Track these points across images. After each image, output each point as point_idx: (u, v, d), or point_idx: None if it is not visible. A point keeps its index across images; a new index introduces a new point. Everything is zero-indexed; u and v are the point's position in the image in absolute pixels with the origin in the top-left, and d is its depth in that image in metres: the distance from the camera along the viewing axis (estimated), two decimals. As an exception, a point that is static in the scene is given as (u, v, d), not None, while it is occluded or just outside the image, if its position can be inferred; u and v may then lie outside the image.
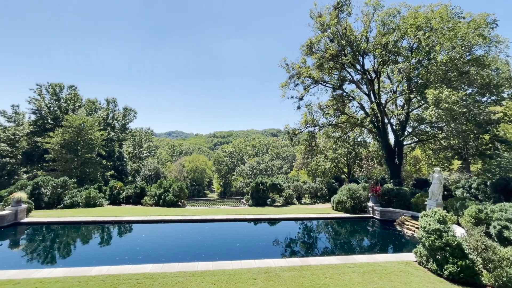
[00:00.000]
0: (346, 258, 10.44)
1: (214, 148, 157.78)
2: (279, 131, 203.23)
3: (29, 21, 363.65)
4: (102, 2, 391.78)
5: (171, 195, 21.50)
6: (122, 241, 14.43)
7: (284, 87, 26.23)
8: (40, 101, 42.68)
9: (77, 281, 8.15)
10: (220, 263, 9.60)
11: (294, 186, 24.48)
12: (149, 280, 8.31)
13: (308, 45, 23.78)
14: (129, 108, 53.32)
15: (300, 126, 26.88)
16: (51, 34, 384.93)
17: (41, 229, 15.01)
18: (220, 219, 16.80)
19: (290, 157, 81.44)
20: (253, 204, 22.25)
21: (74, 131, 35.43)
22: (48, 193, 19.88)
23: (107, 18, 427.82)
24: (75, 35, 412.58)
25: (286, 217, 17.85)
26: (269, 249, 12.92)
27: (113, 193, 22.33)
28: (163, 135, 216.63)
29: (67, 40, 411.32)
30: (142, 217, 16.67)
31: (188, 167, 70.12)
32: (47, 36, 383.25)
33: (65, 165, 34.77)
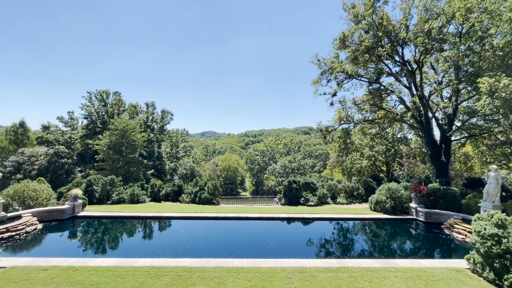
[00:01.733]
0: (386, 262, 9.86)
1: (246, 147, 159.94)
2: (311, 129, 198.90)
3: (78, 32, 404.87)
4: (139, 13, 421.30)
5: (206, 193, 22.31)
6: (163, 236, 15.38)
7: (316, 83, 25.55)
8: (91, 107, 47.33)
9: (125, 270, 8.89)
10: (255, 261, 9.71)
11: (328, 185, 23.76)
12: (188, 273, 8.73)
13: (341, 39, 22.83)
14: (166, 110, 56.52)
15: (333, 123, 25.97)
16: (97, 44, 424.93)
17: (93, 222, 16.66)
18: (254, 217, 16.98)
19: (323, 155, 79.23)
20: (286, 203, 22.11)
21: (119, 133, 38.64)
22: (99, 190, 21.95)
23: (144, 27, 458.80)
24: (117, 44, 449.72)
25: (320, 216, 17.41)
26: (303, 249, 12.73)
27: (154, 190, 23.86)
28: (197, 136, 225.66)
29: (110, 49, 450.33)
30: (180, 214, 17.57)
31: (221, 166, 72.09)
32: (94, 46, 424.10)
33: (112, 165, 38.10)
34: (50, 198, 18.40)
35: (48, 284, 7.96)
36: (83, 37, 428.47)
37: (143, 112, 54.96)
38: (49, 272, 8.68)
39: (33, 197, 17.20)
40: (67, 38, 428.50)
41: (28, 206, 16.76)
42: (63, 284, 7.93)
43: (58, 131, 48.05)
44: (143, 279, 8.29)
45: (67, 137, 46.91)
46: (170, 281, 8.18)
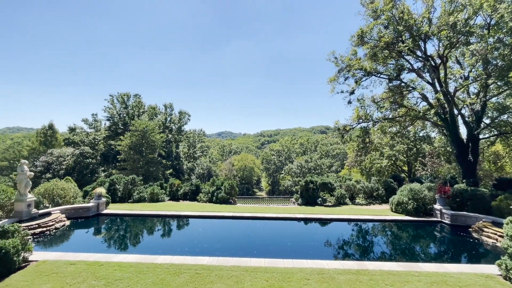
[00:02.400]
0: (409, 265, 9.48)
1: (262, 147, 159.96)
2: (327, 128, 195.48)
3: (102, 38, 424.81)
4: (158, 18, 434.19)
5: (223, 192, 22.55)
6: (181, 234, 15.73)
7: (332, 81, 25.05)
8: (113, 109, 49.36)
9: (146, 267, 9.18)
10: (272, 261, 9.69)
11: (347, 186, 23.23)
12: (206, 271, 8.87)
13: (359, 35, 22.22)
14: (184, 111, 57.77)
15: (351, 121, 25.34)
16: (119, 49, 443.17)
17: (116, 220, 17.36)
18: (270, 217, 16.95)
19: (340, 155, 77.60)
20: (302, 203, 21.87)
21: (139, 134, 40.00)
22: (121, 189, 22.85)
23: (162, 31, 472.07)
24: (137, 49, 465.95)
25: (339, 217, 17.06)
26: (321, 250, 12.53)
27: (172, 190, 24.46)
28: (214, 136, 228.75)
29: (131, 53, 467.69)
30: (198, 213, 17.89)
31: (237, 166, 72.57)
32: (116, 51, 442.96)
33: (133, 165, 39.52)
34: (77, 196, 19.40)
35: (75, 278, 8.39)
36: (106, 42, 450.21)
37: (162, 113, 56.54)
38: (76, 267, 9.15)
39: (62, 195, 18.21)
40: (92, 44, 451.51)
41: (57, 204, 17.77)
42: (89, 279, 8.33)
43: (83, 132, 50.58)
44: (163, 276, 8.52)
45: (91, 138, 49.25)
46: (189, 279, 8.35)
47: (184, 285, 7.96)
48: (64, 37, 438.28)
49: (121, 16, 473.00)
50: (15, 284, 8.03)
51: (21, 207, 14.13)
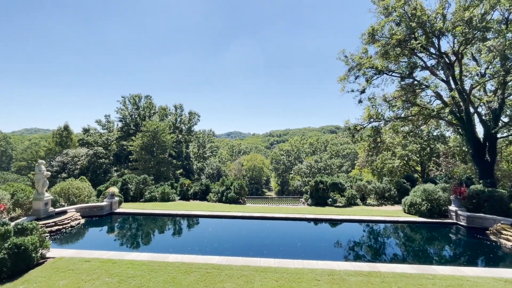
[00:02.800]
0: (422, 268, 9.25)
1: (271, 147, 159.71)
2: (337, 128, 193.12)
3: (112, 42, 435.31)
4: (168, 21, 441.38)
5: (232, 192, 22.65)
6: (192, 233, 15.90)
7: (342, 80, 24.71)
8: (125, 111, 50.44)
9: (158, 265, 9.34)
10: (282, 261, 9.66)
11: (357, 186, 22.88)
12: (216, 270, 8.93)
13: (369, 33, 21.84)
14: (194, 112, 58.38)
15: (362, 121, 24.92)
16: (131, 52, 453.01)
17: (129, 219, 17.73)
18: (280, 217, 16.90)
19: (351, 155, 76.53)
20: (312, 203, 21.70)
21: (150, 135, 40.71)
22: (133, 189, 23.31)
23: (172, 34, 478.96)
24: (148, 51, 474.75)
25: (349, 218, 16.82)
26: (331, 251, 12.40)
27: (183, 189, 24.77)
28: (223, 136, 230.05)
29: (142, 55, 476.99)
30: (208, 212, 18.04)
31: (247, 166, 72.72)
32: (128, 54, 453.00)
33: (144, 165, 40.25)
34: (91, 195, 19.93)
35: (90, 274, 8.63)
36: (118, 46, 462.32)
37: (172, 114, 57.33)
38: (91, 264, 9.41)
39: (77, 194, 18.75)
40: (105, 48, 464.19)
41: (72, 203, 18.32)
42: (103, 276, 8.54)
43: (97, 133, 51.92)
44: (174, 274, 8.65)
45: (104, 139, 50.48)
46: (200, 277, 8.43)
47: (194, 284, 8.05)
48: (78, 42, 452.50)
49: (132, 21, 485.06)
50: (33, 279, 8.33)
51: (39, 206, 14.64)
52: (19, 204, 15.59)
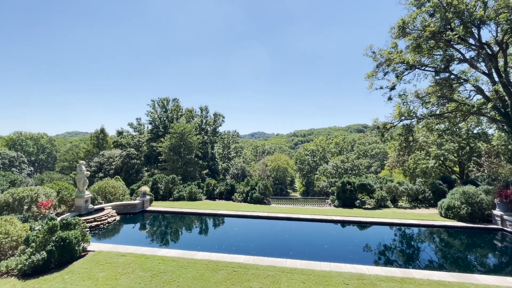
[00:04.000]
0: (463, 276, 8.58)
1: (295, 147, 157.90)
2: (365, 127, 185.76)
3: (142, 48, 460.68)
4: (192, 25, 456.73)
5: (257, 192, 22.77)
6: (218, 232, 16.26)
7: (370, 77, 23.66)
8: (154, 113, 52.93)
9: (187, 262, 9.69)
10: (308, 263, 9.52)
11: (388, 187, 21.81)
12: (243, 269, 9.05)
13: (400, 26, 20.69)
14: (218, 113, 59.58)
15: (392, 119, 23.67)
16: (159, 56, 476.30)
17: (159, 217, 18.59)
18: (306, 219, 16.66)
19: (380, 155, 73.14)
20: (339, 205, 21.10)
21: (178, 136, 42.30)
22: (163, 188, 24.40)
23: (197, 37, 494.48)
24: (174, 55, 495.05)
25: (379, 221, 16.09)
26: (360, 254, 11.96)
27: (209, 189, 25.41)
28: (247, 136, 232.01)
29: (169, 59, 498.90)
30: (234, 212, 18.31)
31: (271, 166, 72.62)
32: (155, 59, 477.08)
33: (173, 165, 41.90)
34: (125, 194, 21.20)
35: (126, 268, 9.19)
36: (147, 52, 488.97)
37: (198, 116, 59.03)
38: (126, 258, 10.02)
39: (112, 192, 20.07)
40: (136, 54, 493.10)
41: (109, 200, 19.63)
42: (137, 270, 9.06)
43: (129, 135, 55.07)
44: (202, 271, 8.91)
45: (136, 140, 53.42)
46: (227, 276, 8.60)
47: (222, 282, 8.22)
48: (112, 50, 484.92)
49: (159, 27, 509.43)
50: (77, 270, 9.08)
51: (80, 203, 15.91)
52: (63, 201, 17.08)
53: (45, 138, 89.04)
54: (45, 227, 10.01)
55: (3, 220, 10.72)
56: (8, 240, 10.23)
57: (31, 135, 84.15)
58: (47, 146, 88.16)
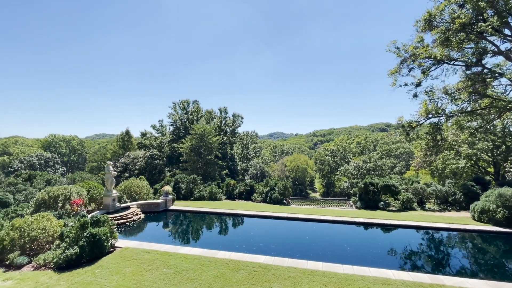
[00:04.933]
0: (499, 286, 7.98)
1: (314, 147, 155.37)
2: (388, 125, 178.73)
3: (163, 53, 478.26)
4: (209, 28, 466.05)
5: (277, 193, 22.68)
6: (238, 232, 16.40)
7: (394, 74, 22.69)
8: (175, 115, 54.53)
9: (208, 260, 9.87)
10: (330, 265, 9.33)
11: (414, 189, 20.82)
12: (263, 270, 9.05)
13: (426, 19, 19.66)
14: (237, 114, 60.14)
15: (418, 117, 22.52)
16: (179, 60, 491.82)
17: (181, 215, 19.10)
18: (327, 220, 16.33)
19: (405, 155, 69.96)
20: (361, 206, 20.45)
21: (198, 137, 43.24)
22: (184, 187, 25.05)
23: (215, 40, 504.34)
24: (193, 59, 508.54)
25: (405, 224, 15.40)
26: (384, 258, 11.51)
27: (229, 189, 25.71)
28: (265, 137, 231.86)
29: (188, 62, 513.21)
30: (253, 212, 18.38)
31: (290, 167, 72.02)
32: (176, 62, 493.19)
33: (193, 165, 42.89)
34: (149, 193, 22.03)
35: (151, 264, 9.54)
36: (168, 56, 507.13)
37: (217, 117, 59.99)
38: (151, 255, 10.40)
39: (137, 191, 20.93)
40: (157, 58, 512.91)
41: (134, 199, 20.50)
42: (161, 266, 9.37)
43: (152, 137, 57.21)
44: (223, 270, 9.03)
45: (158, 142, 55.38)
46: (247, 275, 8.65)
47: (243, 281, 8.28)
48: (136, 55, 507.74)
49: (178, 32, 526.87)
50: (106, 265, 9.57)
51: (108, 201, 16.76)
52: (93, 199, 18.09)
53: (76, 140, 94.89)
54: (77, 223, 10.66)
55: (40, 216, 11.56)
56: (45, 235, 11.02)
57: (64, 137, 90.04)
58: (77, 147, 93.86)
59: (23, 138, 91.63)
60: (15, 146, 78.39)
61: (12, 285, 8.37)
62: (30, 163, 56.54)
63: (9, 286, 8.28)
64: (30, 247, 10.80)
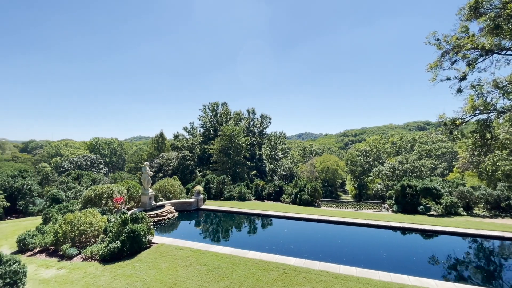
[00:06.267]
0: None
1: (345, 147, 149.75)
2: (427, 123, 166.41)
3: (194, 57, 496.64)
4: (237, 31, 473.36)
5: (306, 194, 22.27)
6: (268, 232, 16.39)
7: (434, 68, 20.93)
8: (205, 117, 56.32)
9: (239, 260, 10.00)
10: (365, 271, 8.91)
11: (459, 192, 19.06)
12: (294, 272, 8.93)
13: (471, 6, 17.90)
14: (265, 115, 60.31)
15: (463, 113, 20.50)
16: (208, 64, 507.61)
17: (212, 215, 19.63)
18: (360, 223, 15.64)
19: (447, 155, 64.40)
20: (398, 210, 19.24)
21: (227, 138, 44.17)
22: (214, 188, 25.72)
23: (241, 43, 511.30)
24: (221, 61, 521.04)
25: (449, 230, 14.15)
26: (425, 267, 10.69)
27: (257, 190, 25.84)
28: (294, 137, 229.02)
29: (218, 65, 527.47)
30: (283, 213, 18.25)
31: (319, 168, 70.23)
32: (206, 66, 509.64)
33: (223, 166, 43.87)
34: (181, 192, 23.00)
35: (184, 261, 9.94)
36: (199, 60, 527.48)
37: (245, 118, 60.71)
38: (184, 252, 10.84)
39: (171, 191, 21.97)
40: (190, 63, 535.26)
41: (168, 198, 21.54)
42: (194, 263, 9.71)
43: (184, 139, 59.70)
44: (253, 270, 9.08)
45: (190, 143, 57.64)
46: (278, 277, 8.60)
47: (273, 282, 8.25)
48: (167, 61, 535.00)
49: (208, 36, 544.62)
50: (144, 260, 10.17)
51: (145, 200, 17.82)
52: (132, 197, 19.36)
53: (116, 142, 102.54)
54: (119, 219, 11.49)
55: (88, 212, 12.67)
56: (91, 229, 12.05)
57: (106, 140, 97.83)
58: (118, 149, 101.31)
59: (72, 141, 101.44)
60: (66, 148, 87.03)
61: (65, 273, 9.27)
62: (78, 164, 62.30)
63: (62, 275, 9.19)
64: (79, 239, 11.88)
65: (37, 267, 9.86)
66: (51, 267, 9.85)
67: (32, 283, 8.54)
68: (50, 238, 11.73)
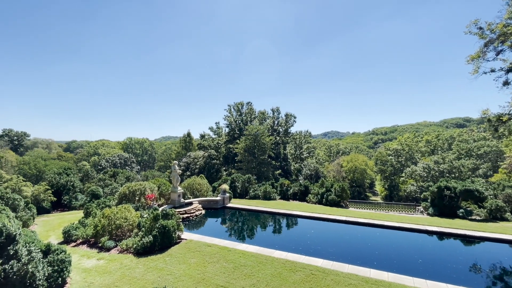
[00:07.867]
0: None
1: (374, 146, 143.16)
2: (468, 120, 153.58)
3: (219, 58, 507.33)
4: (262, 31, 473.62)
5: (333, 195, 21.67)
6: (294, 232, 16.24)
7: (475, 59, 19.16)
8: (230, 117, 57.21)
9: (265, 258, 10.02)
10: (398, 276, 8.46)
11: (506, 195, 17.33)
12: (321, 274, 8.74)
13: (520, -10, 16.17)
14: (290, 114, 59.72)
15: (510, 108, 18.67)
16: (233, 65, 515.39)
17: (237, 213, 19.91)
18: (392, 226, 14.87)
19: (491, 154, 58.80)
20: (434, 213, 17.98)
21: (252, 138, 44.49)
22: (240, 186, 26.04)
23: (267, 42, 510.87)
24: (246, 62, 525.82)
25: (495, 236, 12.92)
26: (467, 276, 9.88)
27: (283, 189, 25.68)
28: (319, 136, 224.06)
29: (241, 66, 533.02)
30: (309, 213, 17.95)
31: (347, 167, 67.92)
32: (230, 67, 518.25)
33: (247, 165, 44.27)
34: (208, 190, 23.60)
35: (212, 257, 10.19)
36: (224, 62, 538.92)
37: (270, 117, 60.63)
38: (212, 248, 11.11)
39: (198, 189, 22.64)
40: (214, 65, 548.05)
41: (195, 196, 22.24)
42: (221, 260, 9.92)
43: (210, 138, 61.22)
44: (280, 270, 9.05)
45: (215, 143, 58.97)
46: (305, 278, 8.47)
47: (300, 283, 8.15)
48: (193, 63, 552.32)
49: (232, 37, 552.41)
50: (174, 254, 10.60)
51: (175, 197, 18.56)
52: (162, 195, 20.28)
53: (147, 142, 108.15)
54: (151, 215, 12.09)
55: (123, 208, 13.51)
56: (126, 224, 12.83)
57: (138, 140, 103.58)
58: (148, 148, 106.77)
59: (108, 141, 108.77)
60: (102, 147, 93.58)
61: (104, 264, 9.98)
62: (113, 162, 66.70)
63: (101, 265, 9.91)
64: (115, 233, 12.71)
65: (80, 257, 10.74)
66: (91, 258, 10.66)
67: (76, 271, 9.32)
68: (91, 231, 12.71)
